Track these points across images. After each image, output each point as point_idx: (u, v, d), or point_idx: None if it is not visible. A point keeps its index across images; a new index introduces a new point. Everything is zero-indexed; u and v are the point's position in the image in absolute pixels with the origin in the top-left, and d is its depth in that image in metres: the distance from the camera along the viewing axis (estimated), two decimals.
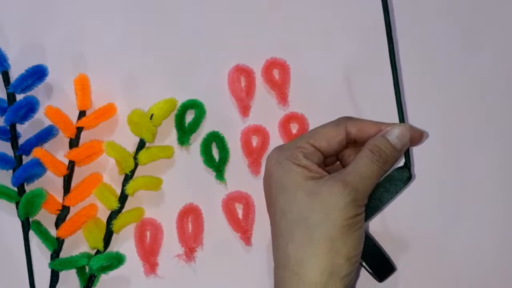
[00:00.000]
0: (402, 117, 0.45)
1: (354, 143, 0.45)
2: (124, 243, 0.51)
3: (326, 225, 0.40)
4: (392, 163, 0.43)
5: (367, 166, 0.41)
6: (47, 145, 0.52)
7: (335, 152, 0.44)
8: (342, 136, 0.43)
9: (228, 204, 0.51)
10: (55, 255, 0.50)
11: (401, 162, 0.46)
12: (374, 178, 0.42)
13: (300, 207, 0.40)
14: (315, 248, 0.40)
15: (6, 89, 0.51)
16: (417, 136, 0.45)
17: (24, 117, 0.52)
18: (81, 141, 0.52)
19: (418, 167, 0.51)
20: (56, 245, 0.50)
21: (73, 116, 0.52)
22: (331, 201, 0.40)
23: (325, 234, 0.40)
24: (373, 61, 0.54)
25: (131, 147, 0.52)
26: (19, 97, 0.51)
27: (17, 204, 0.50)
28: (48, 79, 0.52)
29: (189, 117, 0.53)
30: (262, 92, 0.53)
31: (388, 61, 0.45)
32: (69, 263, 0.49)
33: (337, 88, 0.53)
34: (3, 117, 0.51)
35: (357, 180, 0.41)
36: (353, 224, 0.40)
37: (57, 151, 0.52)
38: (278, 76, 0.53)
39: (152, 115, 0.51)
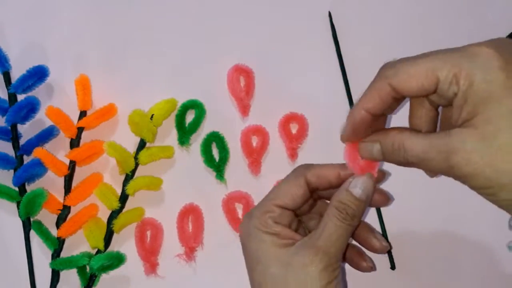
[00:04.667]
0: None
1: (317, 190, 0.43)
2: (125, 242, 0.51)
3: None
4: (360, 217, 0.41)
5: (336, 227, 0.39)
6: (48, 145, 0.52)
7: (302, 205, 0.43)
8: (303, 189, 0.42)
9: (228, 204, 0.51)
10: (56, 254, 0.50)
11: None
12: (345, 236, 0.40)
13: (274, 280, 0.39)
14: None
15: (7, 89, 0.52)
16: (380, 178, 0.42)
17: (25, 117, 0.52)
18: (82, 141, 0.52)
19: None
20: (57, 245, 0.50)
21: (74, 116, 0.52)
22: (304, 271, 0.38)
23: None
24: (372, 62, 0.54)
25: (132, 147, 0.52)
26: (20, 97, 0.52)
27: (18, 204, 0.50)
28: (49, 79, 0.53)
29: (189, 117, 0.53)
30: (262, 92, 0.53)
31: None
32: (70, 262, 0.49)
33: (337, 87, 0.54)
34: (5, 117, 0.51)
35: (328, 244, 0.39)
36: None
37: (58, 151, 0.52)
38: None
39: (152, 115, 0.51)
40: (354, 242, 0.46)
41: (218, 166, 0.52)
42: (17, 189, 0.51)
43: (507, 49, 0.34)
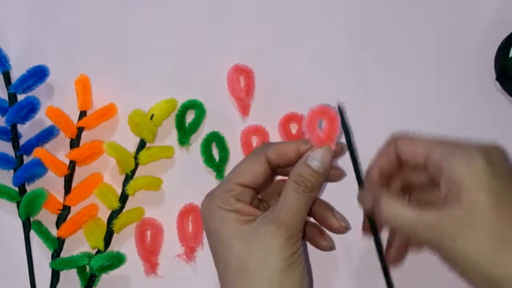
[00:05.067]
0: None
1: (278, 168, 0.44)
2: (125, 242, 0.51)
3: (266, 270, 0.39)
4: (319, 189, 0.41)
5: (295, 200, 0.40)
6: (48, 145, 0.52)
7: (263, 182, 0.43)
8: (264, 166, 0.42)
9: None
10: (56, 254, 0.50)
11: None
12: (305, 208, 0.41)
13: (238, 257, 0.40)
14: None
15: (7, 89, 0.52)
16: (338, 150, 0.43)
17: (25, 117, 0.52)
18: (82, 141, 0.52)
19: None
20: (57, 245, 0.50)
21: (74, 116, 0.52)
22: (266, 245, 0.39)
23: (266, 280, 0.39)
24: (372, 62, 0.54)
25: (132, 147, 0.52)
26: (20, 97, 0.52)
27: (18, 204, 0.50)
28: (49, 79, 0.53)
29: (189, 117, 0.53)
30: (262, 92, 0.53)
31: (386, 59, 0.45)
32: (69, 262, 0.49)
33: (338, 88, 0.54)
34: (5, 117, 0.51)
35: (288, 216, 0.40)
36: (292, 263, 0.39)
37: (58, 151, 0.52)
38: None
39: (152, 115, 0.51)
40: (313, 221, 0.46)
41: (218, 166, 0.52)
42: (17, 189, 0.51)
43: (494, 155, 0.39)
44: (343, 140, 0.44)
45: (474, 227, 0.36)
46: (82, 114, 0.52)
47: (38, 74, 0.52)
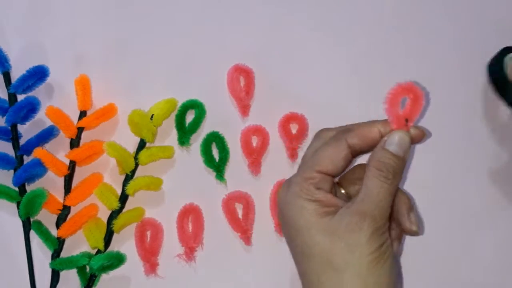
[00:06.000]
0: None
1: (360, 153, 0.42)
2: (125, 243, 0.51)
3: (353, 265, 0.38)
4: (401, 174, 0.40)
5: (379, 188, 0.39)
6: (48, 145, 0.52)
7: (343, 169, 0.42)
8: (345, 151, 0.41)
9: (228, 204, 0.51)
10: (56, 254, 0.50)
11: None
12: (389, 197, 0.39)
13: (322, 250, 0.38)
14: None
15: (7, 89, 0.52)
16: (418, 135, 0.42)
17: (25, 118, 0.52)
18: (82, 141, 0.52)
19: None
20: (57, 245, 0.50)
21: (74, 116, 0.52)
22: (352, 239, 0.38)
23: (355, 274, 0.38)
24: (372, 62, 0.54)
25: (132, 147, 0.52)
26: (20, 97, 0.52)
27: (18, 204, 0.50)
28: (49, 79, 0.53)
29: (189, 117, 0.53)
30: (262, 92, 0.53)
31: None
32: (69, 262, 0.49)
33: (338, 88, 0.54)
34: (5, 117, 0.51)
35: (372, 207, 0.38)
36: (380, 255, 0.38)
37: (58, 151, 0.52)
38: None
39: (152, 115, 0.51)
40: None
41: (218, 166, 0.52)
42: (17, 189, 0.51)
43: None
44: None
45: None
46: (82, 114, 0.52)
47: (38, 74, 0.52)
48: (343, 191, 0.45)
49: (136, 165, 0.51)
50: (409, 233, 0.43)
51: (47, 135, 0.52)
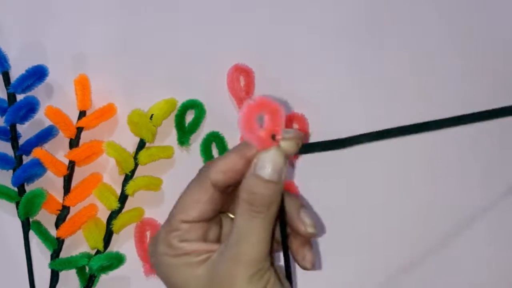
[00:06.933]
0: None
1: (229, 187, 0.36)
2: (124, 243, 0.51)
3: None
4: (279, 201, 0.34)
5: (251, 225, 0.33)
6: (47, 145, 0.52)
7: (215, 212, 0.37)
8: (210, 192, 0.36)
9: None
10: (55, 255, 0.50)
11: None
12: (266, 231, 0.34)
13: None
14: None
15: (7, 89, 0.51)
16: (292, 146, 0.34)
17: (24, 117, 0.52)
18: (81, 141, 0.52)
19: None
20: (56, 245, 0.50)
21: (73, 116, 0.52)
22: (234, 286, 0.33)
23: None
24: (372, 61, 0.54)
25: (131, 147, 0.52)
26: (20, 97, 0.51)
27: (17, 204, 0.50)
28: (48, 79, 0.52)
29: (189, 117, 0.53)
30: (262, 92, 0.53)
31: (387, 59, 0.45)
32: (69, 263, 0.49)
33: (338, 88, 0.54)
34: (4, 117, 0.51)
35: (247, 249, 0.33)
36: None
37: (57, 151, 0.52)
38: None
39: (152, 115, 0.51)
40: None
41: None
42: (16, 189, 0.51)
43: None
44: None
45: None
46: (82, 114, 0.52)
47: (37, 74, 0.51)
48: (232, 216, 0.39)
49: (136, 165, 0.51)
50: (307, 237, 0.38)
51: (46, 135, 0.52)
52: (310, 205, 0.51)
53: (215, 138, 0.52)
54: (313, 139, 0.52)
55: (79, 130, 0.52)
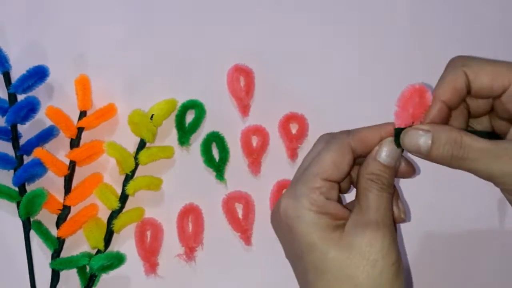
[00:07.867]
0: None
1: (359, 157, 0.40)
2: (125, 242, 0.51)
3: (374, 278, 0.36)
4: (393, 181, 0.39)
5: (380, 198, 0.38)
6: (48, 145, 0.52)
7: (346, 175, 0.40)
8: (350, 156, 0.39)
9: (228, 204, 0.51)
10: (56, 254, 0.50)
11: None
12: (390, 205, 0.39)
13: (339, 265, 0.37)
14: None
15: (7, 89, 0.52)
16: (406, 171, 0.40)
17: (25, 118, 0.52)
18: (82, 141, 0.52)
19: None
20: (57, 245, 0.50)
21: (74, 116, 0.52)
22: (371, 251, 0.36)
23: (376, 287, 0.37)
24: (372, 61, 0.54)
25: (132, 147, 0.52)
26: (20, 97, 0.52)
27: (18, 204, 0.50)
28: (49, 79, 0.53)
29: (189, 117, 0.53)
30: (262, 92, 0.53)
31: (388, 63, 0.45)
32: (70, 262, 0.49)
33: (338, 88, 0.54)
34: (5, 117, 0.51)
35: (381, 217, 0.37)
36: (399, 267, 0.37)
37: (58, 151, 0.52)
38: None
39: (152, 115, 0.51)
40: None
41: (218, 166, 0.52)
42: (17, 189, 0.51)
43: None
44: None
45: None
46: (82, 114, 0.52)
47: (38, 74, 0.52)
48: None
49: (136, 165, 0.51)
50: (398, 221, 0.41)
51: (47, 135, 0.52)
52: None
53: (215, 138, 0.52)
54: (312, 138, 0.52)
55: (80, 130, 0.52)
